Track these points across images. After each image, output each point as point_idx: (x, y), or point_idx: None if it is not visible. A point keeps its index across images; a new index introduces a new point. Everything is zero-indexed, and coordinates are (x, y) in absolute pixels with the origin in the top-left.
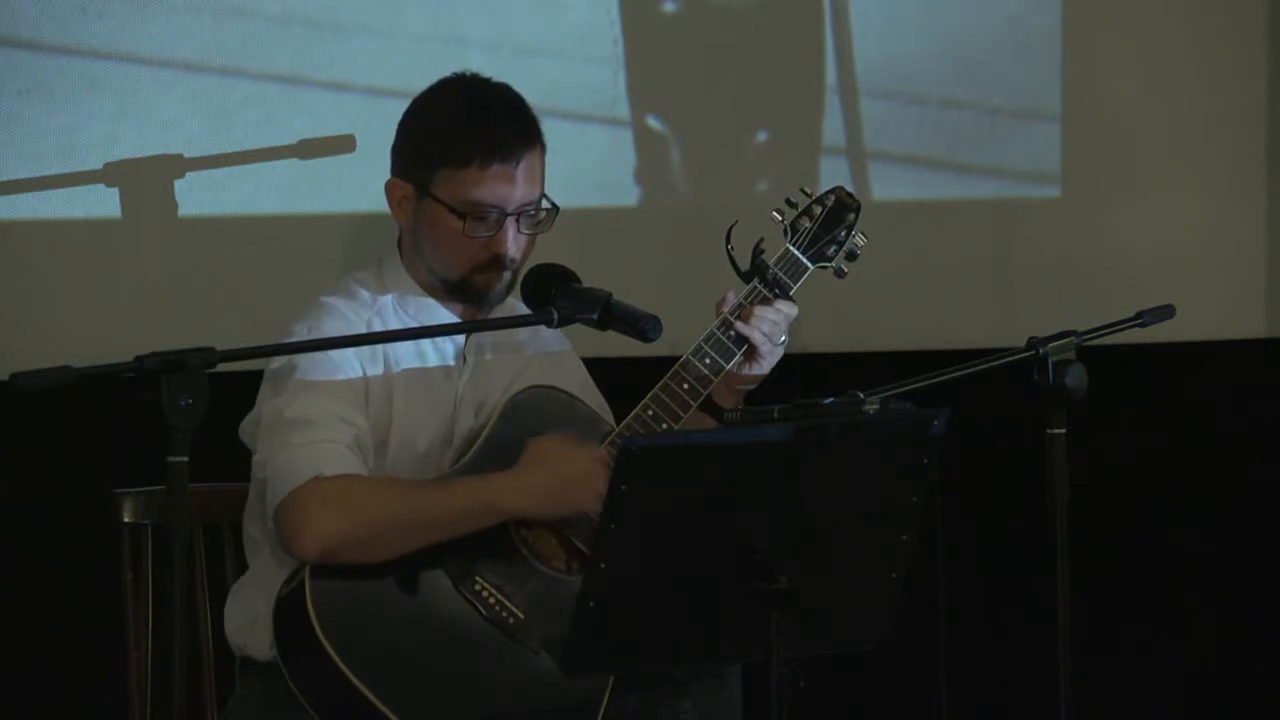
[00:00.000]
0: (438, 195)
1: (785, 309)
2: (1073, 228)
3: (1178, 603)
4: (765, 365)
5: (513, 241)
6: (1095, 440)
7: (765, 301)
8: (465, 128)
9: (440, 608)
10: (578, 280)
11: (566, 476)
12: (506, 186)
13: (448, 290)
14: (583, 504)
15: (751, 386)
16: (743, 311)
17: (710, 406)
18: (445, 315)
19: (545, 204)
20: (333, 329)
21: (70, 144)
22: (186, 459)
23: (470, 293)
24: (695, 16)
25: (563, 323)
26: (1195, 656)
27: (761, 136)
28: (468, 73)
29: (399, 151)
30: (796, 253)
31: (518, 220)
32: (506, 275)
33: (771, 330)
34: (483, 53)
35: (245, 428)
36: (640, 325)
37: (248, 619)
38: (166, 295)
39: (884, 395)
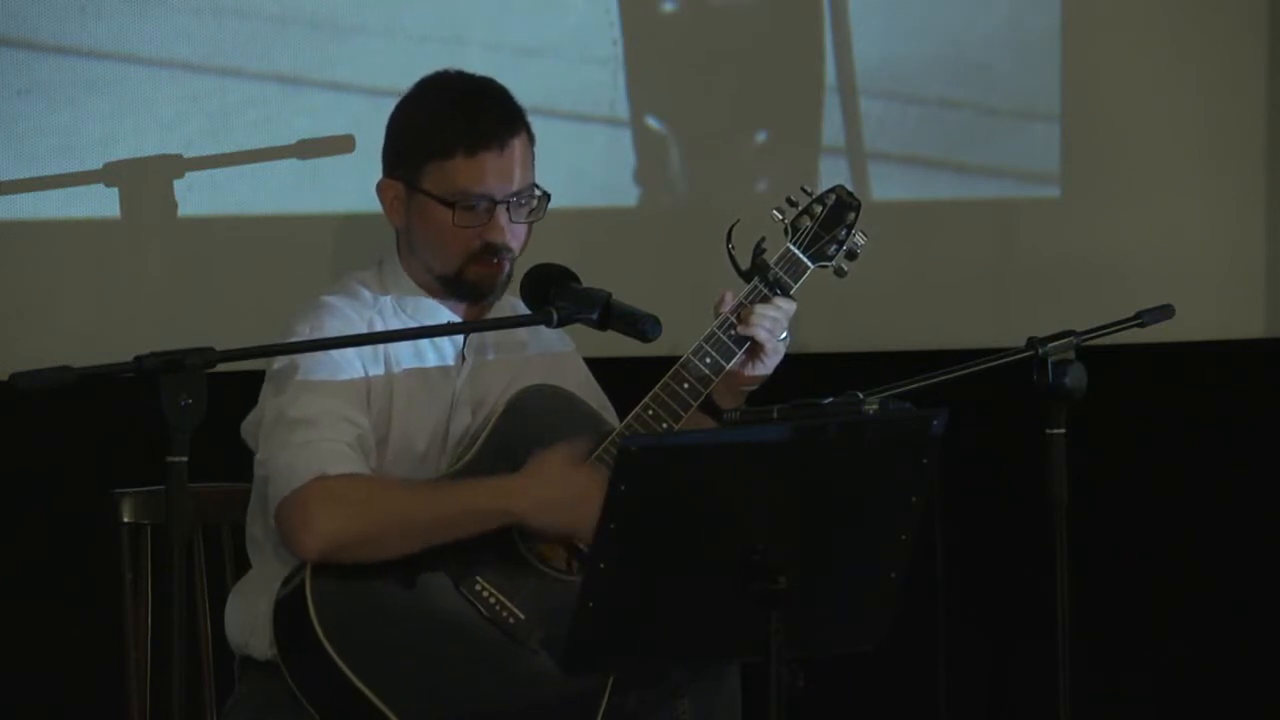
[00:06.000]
0: (426, 189)
1: (784, 305)
2: (1072, 228)
3: (1178, 603)
4: (769, 364)
5: (506, 229)
6: (1095, 440)
7: (765, 300)
8: (449, 120)
9: (440, 607)
10: (577, 280)
11: (569, 494)
12: (494, 175)
13: (446, 288)
14: (582, 524)
15: (754, 387)
16: (742, 310)
17: (711, 408)
18: (445, 315)
19: (536, 192)
20: (334, 328)
21: (69, 144)
22: (186, 459)
23: (467, 288)
24: (695, 16)
25: (562, 323)
26: (1195, 656)
27: (761, 136)
28: (450, 69)
29: (387, 152)
30: (797, 252)
31: (509, 209)
32: (504, 269)
33: (773, 326)
34: (483, 53)
35: (247, 427)
36: (640, 325)
37: (248, 618)
38: (166, 295)
39: (883, 395)
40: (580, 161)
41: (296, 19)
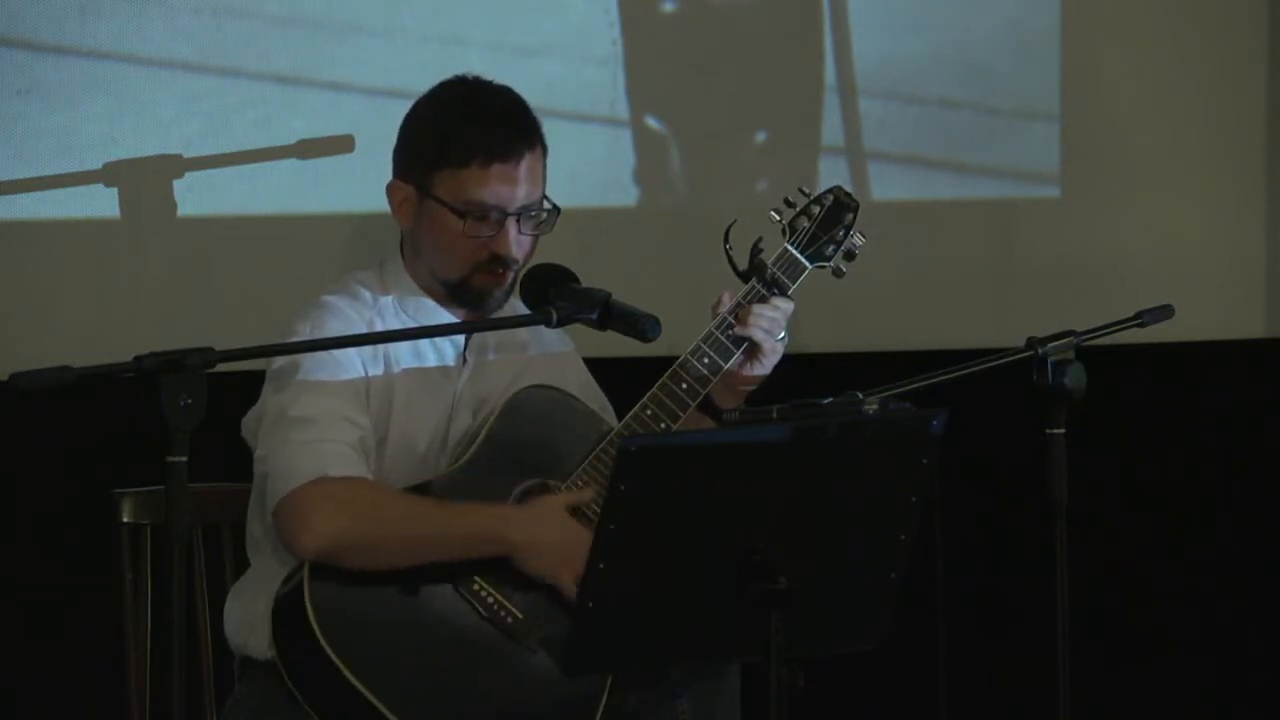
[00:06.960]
0: (438, 196)
1: (782, 305)
2: (1072, 228)
3: (1177, 603)
4: (767, 364)
5: (514, 241)
6: (1094, 440)
7: (762, 300)
8: (465, 128)
9: (439, 607)
10: (577, 280)
11: (563, 542)
12: (507, 186)
13: (449, 293)
14: (566, 576)
15: (753, 387)
16: (740, 310)
17: (711, 408)
18: (445, 317)
19: (546, 205)
20: (335, 328)
21: (69, 144)
22: (186, 459)
23: (471, 295)
24: (695, 16)
25: (562, 323)
26: (1194, 656)
27: (760, 136)
28: (469, 75)
29: (400, 153)
30: (795, 252)
31: (518, 221)
32: (508, 278)
33: (770, 326)
34: (483, 53)
35: (247, 424)
36: (639, 325)
37: (247, 618)
38: (166, 295)
39: (883, 395)
40: (580, 161)
41: (296, 19)
